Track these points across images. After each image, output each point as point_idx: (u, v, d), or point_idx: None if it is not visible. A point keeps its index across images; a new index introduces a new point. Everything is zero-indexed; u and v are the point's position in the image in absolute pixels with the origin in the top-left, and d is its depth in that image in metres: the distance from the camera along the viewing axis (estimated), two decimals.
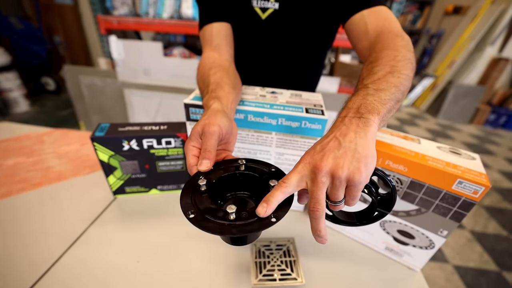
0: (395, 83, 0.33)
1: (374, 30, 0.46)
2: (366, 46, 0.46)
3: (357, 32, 0.49)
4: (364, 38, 0.47)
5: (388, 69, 0.35)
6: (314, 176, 0.27)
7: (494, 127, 3.18)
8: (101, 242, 0.49)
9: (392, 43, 0.40)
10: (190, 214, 0.27)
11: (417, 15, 3.96)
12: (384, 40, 0.42)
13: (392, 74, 0.34)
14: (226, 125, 0.35)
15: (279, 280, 0.42)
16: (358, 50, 0.49)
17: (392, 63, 0.35)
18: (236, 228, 0.26)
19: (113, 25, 1.62)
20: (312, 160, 0.27)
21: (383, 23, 0.46)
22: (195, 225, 0.26)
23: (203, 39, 0.57)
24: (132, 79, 1.58)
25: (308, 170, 0.27)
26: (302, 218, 0.57)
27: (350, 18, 0.50)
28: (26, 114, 2.61)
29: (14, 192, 0.61)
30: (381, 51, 0.39)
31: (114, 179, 0.57)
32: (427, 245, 0.44)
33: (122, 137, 0.51)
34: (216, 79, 0.44)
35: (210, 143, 0.33)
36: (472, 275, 1.28)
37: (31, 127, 0.91)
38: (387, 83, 0.33)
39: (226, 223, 0.26)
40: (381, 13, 0.47)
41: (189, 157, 0.34)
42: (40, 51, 2.78)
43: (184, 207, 0.28)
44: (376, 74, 0.34)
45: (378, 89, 0.32)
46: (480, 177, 0.36)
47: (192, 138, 0.34)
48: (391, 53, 0.38)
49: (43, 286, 0.41)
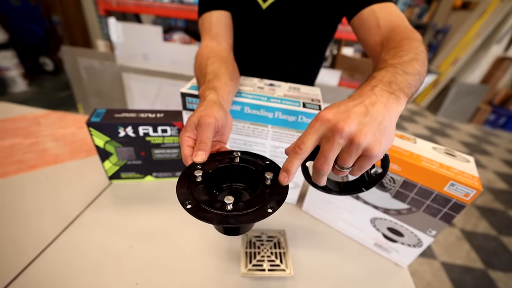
0: (419, 71, 0.32)
1: (386, 26, 0.45)
2: (378, 42, 0.45)
3: (368, 27, 0.48)
4: (376, 33, 0.46)
5: (413, 55, 0.34)
6: (331, 135, 0.25)
7: (493, 127, 3.18)
8: (95, 225, 0.50)
9: (412, 36, 0.39)
10: (187, 204, 0.27)
11: (424, 8, 3.88)
12: (402, 33, 0.41)
13: (417, 62, 0.33)
14: (222, 117, 0.35)
15: (268, 270, 0.43)
16: (369, 45, 0.48)
17: (416, 51, 0.35)
18: (233, 218, 0.26)
19: (113, 7, 1.58)
20: (334, 118, 0.25)
21: (396, 19, 0.45)
22: (193, 215, 0.26)
23: (202, 27, 0.56)
24: (131, 63, 1.55)
25: (326, 128, 0.26)
26: (294, 211, 0.57)
27: (359, 13, 0.49)
28: (24, 94, 2.59)
29: (10, 173, 0.61)
30: (402, 40, 0.38)
31: (109, 165, 0.57)
32: (415, 244, 0.45)
33: (118, 124, 0.51)
34: (213, 69, 0.44)
35: (206, 134, 0.32)
36: (458, 272, 1.32)
37: (28, 108, 0.90)
38: (413, 68, 0.32)
39: (224, 213, 0.26)
40: (392, 9, 0.47)
41: (184, 147, 0.34)
42: (38, 30, 2.73)
43: (181, 198, 0.28)
44: (402, 57, 0.33)
45: (406, 72, 0.31)
46: (473, 180, 0.36)
47: (188, 128, 0.34)
48: (413, 43, 0.37)
49: (37, 267, 0.42)
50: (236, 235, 0.32)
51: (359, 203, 0.48)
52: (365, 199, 0.47)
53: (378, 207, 0.46)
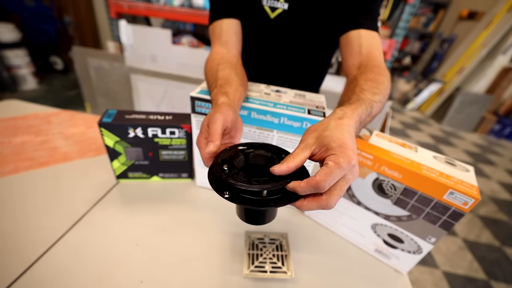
0: (377, 113, 0.41)
1: (366, 54, 0.51)
2: (356, 64, 0.51)
3: (351, 49, 0.53)
4: (356, 57, 0.51)
5: (382, 97, 0.41)
6: (351, 177, 0.28)
7: (498, 137, 3.16)
8: (102, 223, 0.51)
9: (385, 73, 0.46)
10: (225, 194, 0.29)
11: (430, 17, 3.89)
12: (378, 67, 0.48)
13: (381, 104, 0.41)
14: (230, 115, 0.36)
15: (269, 272, 0.44)
16: (347, 64, 0.53)
17: (384, 93, 0.42)
18: (272, 202, 0.28)
19: (124, 9, 1.62)
20: (356, 163, 0.28)
21: (374, 52, 0.51)
22: (233, 202, 0.28)
23: (212, 34, 0.58)
24: (139, 64, 1.58)
25: (349, 170, 0.28)
26: (297, 215, 0.58)
27: (347, 32, 0.54)
28: (33, 92, 2.64)
29: (21, 169, 0.63)
30: (379, 76, 0.45)
31: (118, 164, 0.59)
32: (415, 250, 0.46)
33: (128, 124, 0.53)
34: (224, 75, 0.45)
35: (214, 127, 0.34)
36: (460, 282, 1.31)
37: (39, 107, 0.92)
38: (376, 111, 0.40)
39: (260, 198, 0.28)
40: (375, 40, 0.53)
41: (203, 150, 0.35)
42: (50, 29, 2.79)
43: (218, 190, 0.30)
44: (375, 95, 0.40)
45: (371, 114, 0.39)
46: (471, 189, 0.37)
47: (202, 131, 0.36)
48: (386, 83, 0.44)
49: (45, 263, 0.43)
50: (263, 223, 0.34)
51: (361, 209, 0.49)
52: (367, 205, 0.48)
53: (379, 213, 0.47)
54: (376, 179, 0.45)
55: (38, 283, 0.40)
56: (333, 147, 0.28)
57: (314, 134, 0.30)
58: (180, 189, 0.62)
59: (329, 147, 0.28)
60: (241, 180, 0.29)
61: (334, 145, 0.28)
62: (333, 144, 0.28)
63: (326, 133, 0.29)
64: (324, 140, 0.29)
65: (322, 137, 0.29)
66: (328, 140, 0.29)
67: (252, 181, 0.28)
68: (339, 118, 0.32)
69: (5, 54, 2.42)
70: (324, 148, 0.29)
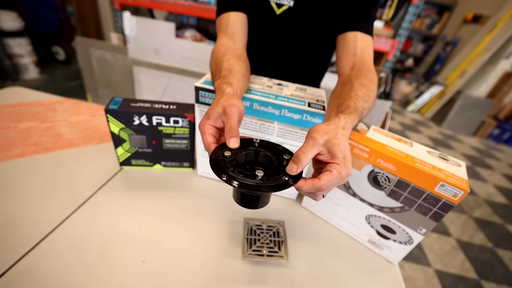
0: (364, 116, 0.43)
1: (359, 57, 0.53)
2: (349, 65, 0.53)
3: (346, 49, 0.55)
4: (351, 58, 0.54)
5: (370, 104, 0.44)
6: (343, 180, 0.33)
7: (497, 142, 3.18)
8: (106, 207, 0.53)
9: (375, 81, 0.49)
10: (223, 176, 0.31)
11: (435, 20, 3.89)
12: (370, 71, 0.50)
13: (369, 110, 0.44)
14: (242, 108, 0.37)
15: (266, 255, 0.46)
16: (341, 64, 0.55)
17: (373, 100, 0.46)
18: (265, 187, 0.31)
19: (128, 1, 1.62)
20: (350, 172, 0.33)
21: (367, 56, 0.54)
22: (229, 184, 0.30)
23: (219, 26, 0.59)
24: (142, 57, 1.59)
25: (347, 176, 0.33)
26: (294, 206, 0.60)
27: (345, 32, 0.56)
28: (35, 81, 2.64)
29: (27, 153, 0.65)
30: (372, 82, 0.48)
31: (122, 151, 0.60)
32: (406, 241, 0.48)
33: (134, 112, 0.54)
34: (228, 66, 0.47)
35: (234, 121, 0.35)
36: (451, 280, 1.33)
37: (43, 94, 0.94)
38: (365, 115, 0.43)
39: (255, 183, 0.31)
40: (369, 44, 0.55)
41: (206, 135, 0.36)
42: (53, 19, 2.79)
43: (217, 173, 0.32)
44: (366, 102, 0.43)
45: (361, 119, 0.42)
46: (461, 182, 0.39)
47: (211, 117, 0.36)
48: (375, 89, 0.47)
49: (52, 241, 0.45)
50: (257, 207, 0.36)
51: (356, 200, 0.51)
52: (362, 197, 0.50)
53: (373, 205, 0.49)
54: (371, 171, 0.46)
55: (46, 258, 0.42)
56: (339, 157, 0.32)
57: (326, 137, 0.32)
58: (181, 177, 0.64)
59: (335, 155, 0.32)
60: (244, 172, 0.31)
61: (340, 156, 0.32)
62: (339, 154, 0.32)
63: (335, 141, 0.32)
64: (333, 147, 0.32)
65: (332, 144, 0.32)
66: (336, 149, 0.32)
67: (256, 175, 0.31)
68: (342, 128, 0.35)
69: (7, 42, 2.43)
70: (330, 154, 0.32)
